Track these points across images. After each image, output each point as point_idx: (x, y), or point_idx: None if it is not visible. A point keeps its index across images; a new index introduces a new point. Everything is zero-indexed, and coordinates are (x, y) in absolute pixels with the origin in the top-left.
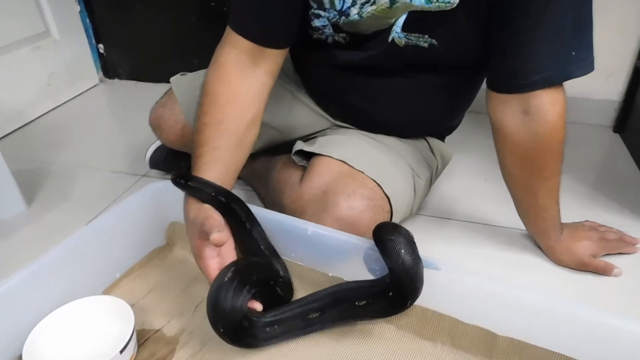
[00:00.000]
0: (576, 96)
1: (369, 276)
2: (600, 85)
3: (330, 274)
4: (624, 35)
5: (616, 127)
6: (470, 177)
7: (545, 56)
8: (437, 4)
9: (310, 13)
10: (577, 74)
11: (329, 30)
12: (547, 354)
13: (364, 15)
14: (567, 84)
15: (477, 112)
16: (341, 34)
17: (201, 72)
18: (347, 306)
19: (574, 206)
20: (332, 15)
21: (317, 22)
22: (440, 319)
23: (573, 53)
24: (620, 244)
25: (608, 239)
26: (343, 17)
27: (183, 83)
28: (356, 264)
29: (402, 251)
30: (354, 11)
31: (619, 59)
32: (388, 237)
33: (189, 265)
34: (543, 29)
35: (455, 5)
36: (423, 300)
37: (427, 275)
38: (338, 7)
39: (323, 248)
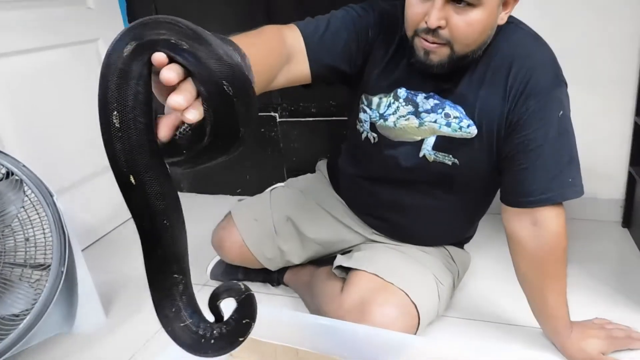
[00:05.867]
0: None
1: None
2: (605, 186)
3: None
4: (620, 147)
5: (624, 222)
6: (491, 278)
7: (548, 181)
8: (460, 132)
9: (360, 106)
10: (573, 197)
11: (366, 126)
12: None
13: (397, 125)
14: None
15: (496, 213)
16: (373, 133)
17: (255, 198)
18: None
19: (587, 302)
20: (374, 114)
21: (362, 115)
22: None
23: (570, 180)
24: (628, 341)
25: (616, 337)
26: (381, 120)
27: (241, 209)
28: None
29: None
30: (391, 119)
31: (617, 165)
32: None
33: None
34: (545, 161)
35: (474, 135)
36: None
37: None
38: (382, 110)
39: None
